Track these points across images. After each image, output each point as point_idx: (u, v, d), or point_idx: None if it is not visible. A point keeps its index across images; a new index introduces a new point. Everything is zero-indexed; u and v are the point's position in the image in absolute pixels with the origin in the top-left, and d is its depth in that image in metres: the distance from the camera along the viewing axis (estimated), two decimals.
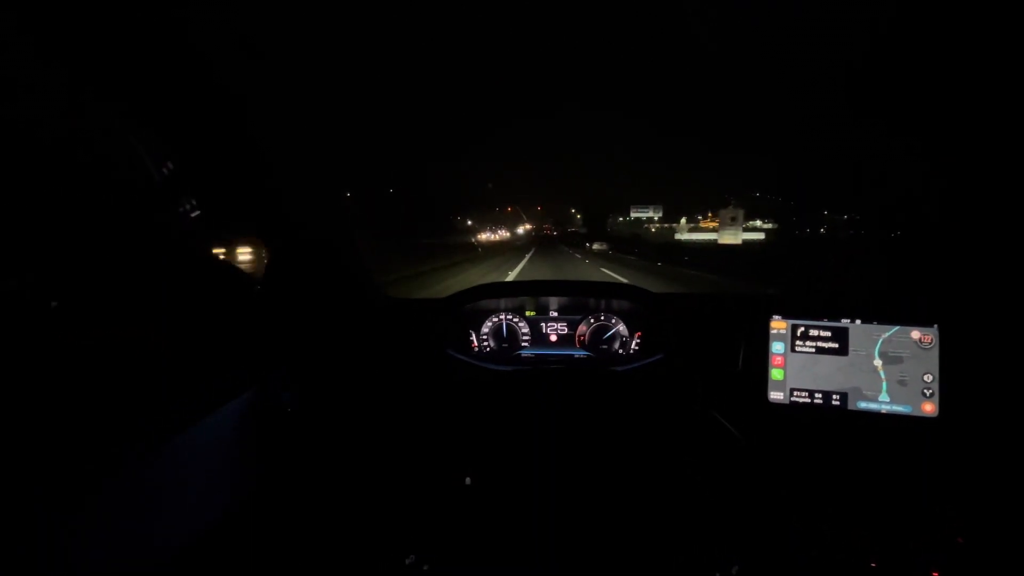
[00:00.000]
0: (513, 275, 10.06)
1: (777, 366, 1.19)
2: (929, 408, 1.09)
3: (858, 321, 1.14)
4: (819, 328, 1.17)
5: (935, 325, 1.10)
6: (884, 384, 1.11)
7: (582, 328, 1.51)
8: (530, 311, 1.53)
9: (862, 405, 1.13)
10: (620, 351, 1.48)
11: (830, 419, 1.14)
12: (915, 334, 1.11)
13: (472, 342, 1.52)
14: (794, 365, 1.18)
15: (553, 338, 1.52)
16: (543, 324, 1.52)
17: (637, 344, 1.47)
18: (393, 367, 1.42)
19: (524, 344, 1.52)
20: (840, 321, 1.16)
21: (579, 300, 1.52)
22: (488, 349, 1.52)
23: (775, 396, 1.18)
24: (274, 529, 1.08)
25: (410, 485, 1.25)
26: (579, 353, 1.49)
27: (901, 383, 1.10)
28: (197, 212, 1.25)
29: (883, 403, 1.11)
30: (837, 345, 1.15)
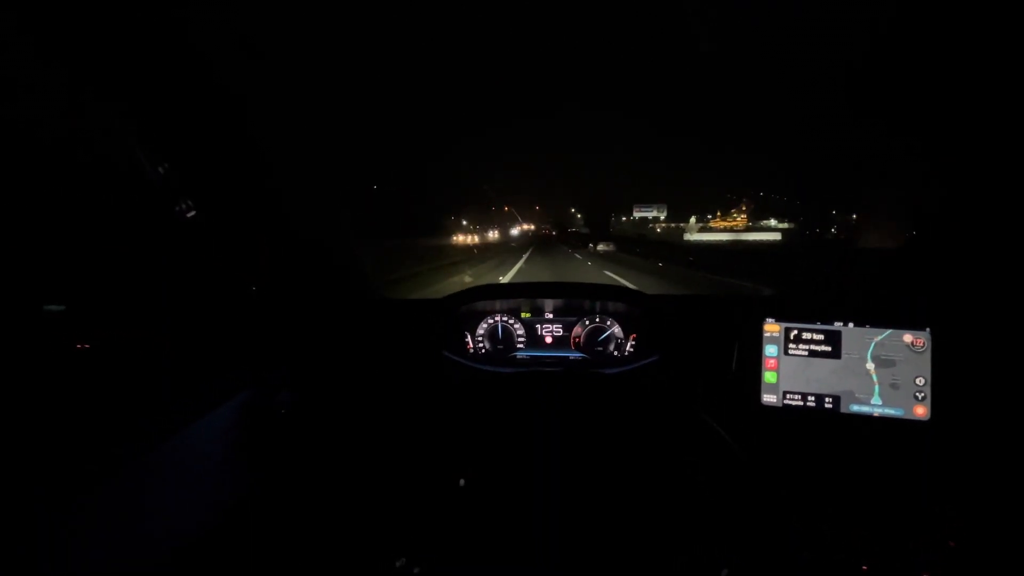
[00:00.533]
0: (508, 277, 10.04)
1: (770, 369, 1.19)
2: (921, 411, 1.09)
3: (851, 324, 1.15)
4: (812, 331, 1.17)
5: (927, 329, 1.10)
6: (876, 387, 1.12)
7: (577, 330, 1.51)
8: (525, 313, 1.54)
9: (855, 408, 1.13)
10: (615, 353, 1.49)
11: (823, 422, 1.15)
12: (907, 337, 1.11)
13: (467, 343, 1.52)
14: (787, 368, 1.18)
15: (548, 340, 1.53)
16: (538, 326, 1.53)
17: (632, 346, 1.47)
18: (389, 368, 1.42)
19: (519, 346, 1.52)
20: (833, 324, 1.16)
21: (574, 302, 1.53)
22: (483, 351, 1.52)
23: (768, 399, 1.19)
24: (269, 529, 1.09)
25: (404, 486, 1.25)
26: (574, 355, 1.50)
27: (893, 386, 1.11)
28: (194, 212, 1.26)
29: (875, 406, 1.11)
30: (830, 348, 1.16)
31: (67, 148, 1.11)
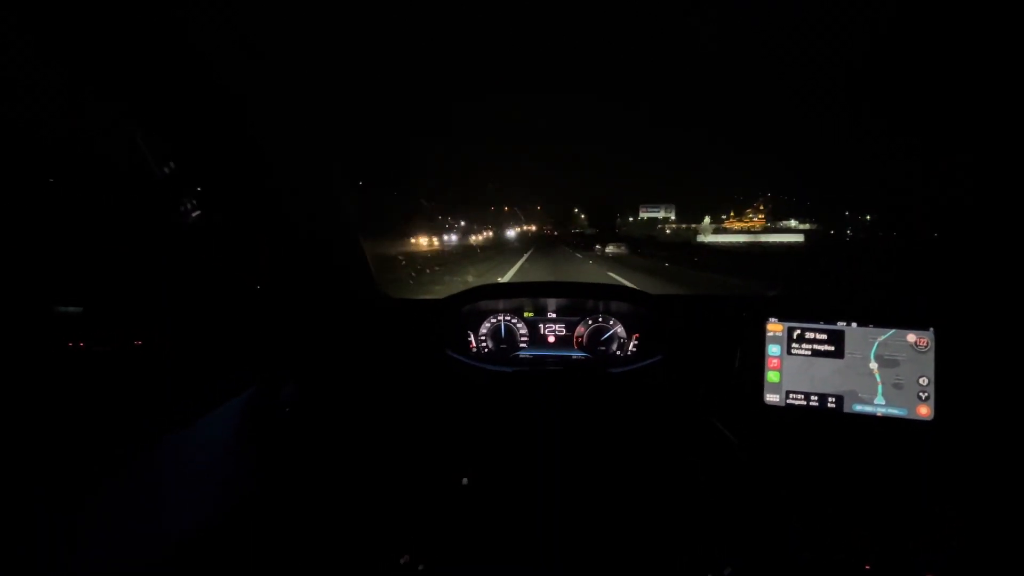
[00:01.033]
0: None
1: (773, 368, 1.20)
2: (924, 411, 1.09)
3: (854, 324, 1.15)
4: (815, 331, 1.17)
5: (931, 328, 1.10)
6: (880, 387, 1.12)
7: (580, 329, 1.51)
8: (528, 312, 1.54)
9: (857, 408, 1.13)
10: (618, 352, 1.49)
11: (825, 422, 1.15)
12: (911, 337, 1.11)
13: (470, 343, 1.52)
14: (790, 368, 1.18)
15: (551, 339, 1.53)
16: (541, 325, 1.53)
17: (635, 346, 1.47)
18: (392, 367, 1.43)
19: (522, 345, 1.52)
20: (836, 324, 1.16)
21: (577, 301, 1.53)
22: (486, 350, 1.53)
23: (771, 398, 1.19)
24: (272, 527, 1.09)
25: (408, 484, 1.26)
26: (577, 354, 1.50)
27: (897, 386, 1.11)
28: (197, 212, 1.26)
29: (878, 406, 1.11)
30: (833, 348, 1.16)
31: (70, 149, 1.12)
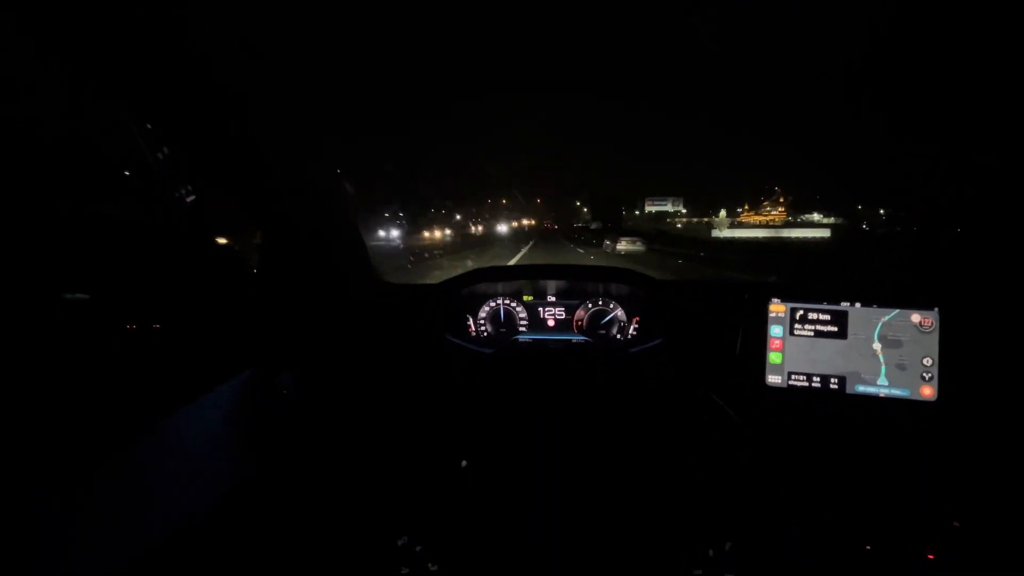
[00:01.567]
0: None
1: (775, 350, 1.18)
2: (928, 392, 1.08)
3: (858, 304, 1.13)
4: (818, 311, 1.16)
5: (935, 308, 1.08)
6: (883, 368, 1.10)
7: (580, 313, 1.50)
8: (528, 296, 1.52)
9: (860, 389, 1.12)
10: (618, 336, 1.48)
11: (828, 403, 1.14)
12: (915, 317, 1.09)
13: (469, 326, 1.51)
14: (792, 349, 1.17)
15: (551, 323, 1.51)
16: (541, 309, 1.52)
17: (635, 329, 1.46)
18: (391, 351, 1.42)
19: (521, 329, 1.51)
20: (839, 304, 1.14)
21: (577, 285, 1.51)
22: (485, 334, 1.52)
23: (773, 380, 1.18)
24: (271, 510, 1.09)
25: (406, 468, 1.25)
26: (577, 338, 1.49)
27: (900, 367, 1.09)
28: (192, 197, 1.25)
29: (881, 387, 1.10)
30: (836, 329, 1.14)
31: (69, 145, 1.10)
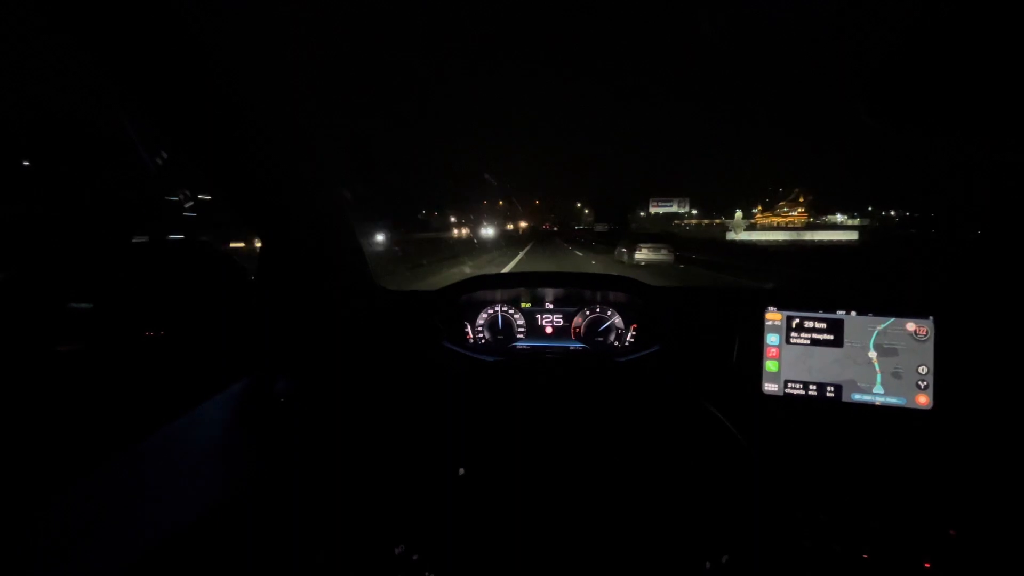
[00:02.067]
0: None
1: (772, 358, 1.19)
2: (923, 400, 1.08)
3: (853, 313, 1.14)
4: (814, 320, 1.16)
5: (931, 317, 1.09)
6: (879, 376, 1.11)
7: (577, 320, 1.50)
8: (525, 303, 1.53)
9: (856, 397, 1.12)
10: (615, 343, 1.48)
11: (824, 411, 1.14)
12: (910, 326, 1.10)
13: (467, 334, 1.51)
14: (789, 357, 1.18)
15: (548, 330, 1.52)
16: (538, 316, 1.52)
17: (633, 336, 1.46)
18: (388, 358, 1.42)
19: (519, 336, 1.51)
20: (835, 313, 1.15)
21: (575, 292, 1.52)
22: (483, 341, 1.52)
23: (769, 388, 1.18)
24: (267, 516, 1.09)
25: (404, 475, 1.25)
26: (574, 345, 1.49)
27: (896, 375, 1.10)
28: (191, 202, 1.25)
29: (877, 395, 1.11)
30: (832, 337, 1.15)
31: (65, 145, 1.10)
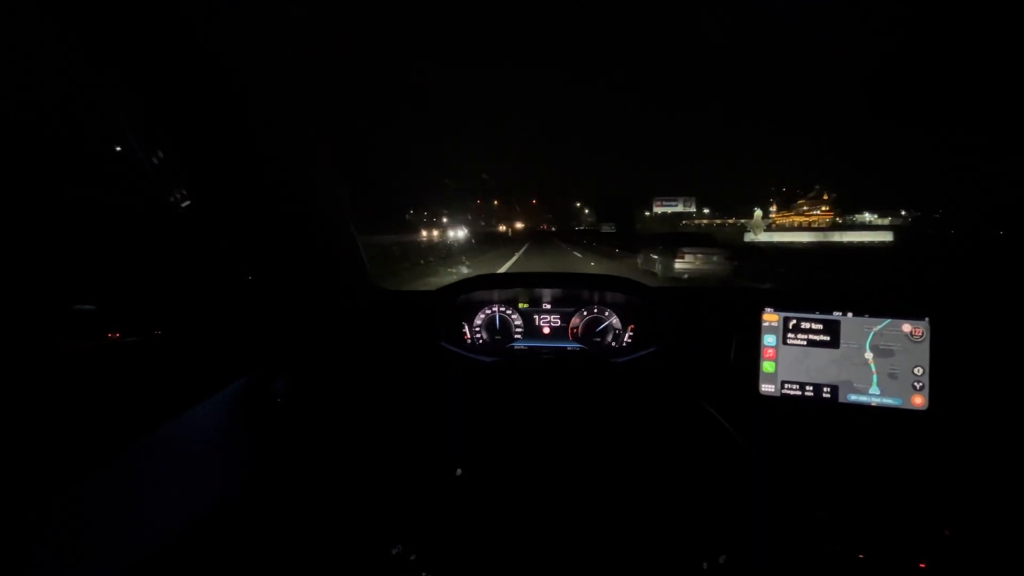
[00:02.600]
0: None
1: (768, 359, 1.19)
2: (919, 401, 1.09)
3: (849, 314, 1.14)
4: (811, 321, 1.17)
5: (926, 318, 1.10)
6: (875, 377, 1.11)
7: (575, 320, 1.50)
8: (523, 303, 1.53)
9: (852, 398, 1.13)
10: (613, 344, 1.48)
11: (821, 412, 1.15)
12: (906, 327, 1.10)
13: (465, 334, 1.51)
14: (786, 358, 1.18)
15: (546, 330, 1.52)
16: (536, 316, 1.52)
17: (630, 337, 1.47)
18: (385, 358, 1.42)
19: (517, 336, 1.51)
20: (832, 314, 1.16)
21: (572, 292, 1.52)
22: (481, 341, 1.52)
23: (766, 388, 1.18)
24: (265, 517, 1.08)
25: (400, 477, 1.25)
26: (572, 345, 1.49)
27: (892, 376, 1.10)
28: (188, 202, 1.25)
29: (873, 396, 1.11)
30: (828, 338, 1.15)
31: (63, 145, 1.10)
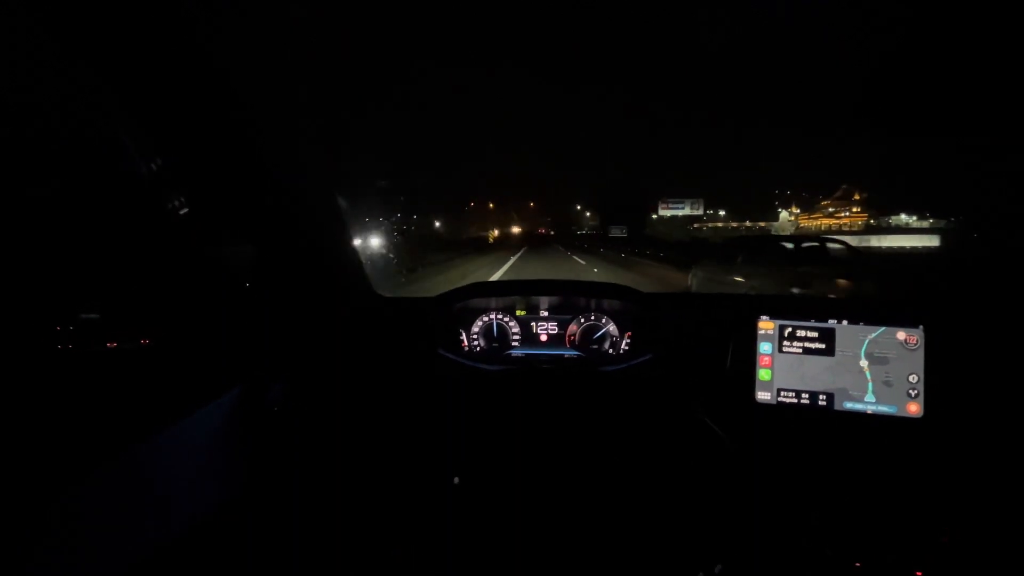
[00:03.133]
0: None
1: (764, 366, 1.20)
2: (914, 408, 1.09)
3: (844, 322, 1.15)
4: (806, 328, 1.17)
5: (920, 326, 1.10)
6: (870, 384, 1.12)
7: (572, 328, 1.51)
8: (520, 310, 1.53)
9: (848, 405, 1.13)
10: (610, 351, 1.48)
11: (816, 419, 1.15)
12: (900, 335, 1.11)
13: (462, 341, 1.51)
14: (781, 365, 1.18)
15: (543, 338, 1.52)
16: (533, 323, 1.52)
17: (627, 344, 1.47)
18: (383, 366, 1.42)
19: (514, 343, 1.52)
20: (827, 322, 1.16)
21: (570, 300, 1.52)
22: (478, 348, 1.52)
23: (762, 396, 1.19)
24: (261, 525, 1.08)
25: (398, 485, 1.25)
26: (569, 353, 1.49)
27: (887, 383, 1.11)
28: (186, 209, 1.25)
29: (869, 403, 1.12)
30: (824, 346, 1.16)
31: (62, 147, 1.10)
